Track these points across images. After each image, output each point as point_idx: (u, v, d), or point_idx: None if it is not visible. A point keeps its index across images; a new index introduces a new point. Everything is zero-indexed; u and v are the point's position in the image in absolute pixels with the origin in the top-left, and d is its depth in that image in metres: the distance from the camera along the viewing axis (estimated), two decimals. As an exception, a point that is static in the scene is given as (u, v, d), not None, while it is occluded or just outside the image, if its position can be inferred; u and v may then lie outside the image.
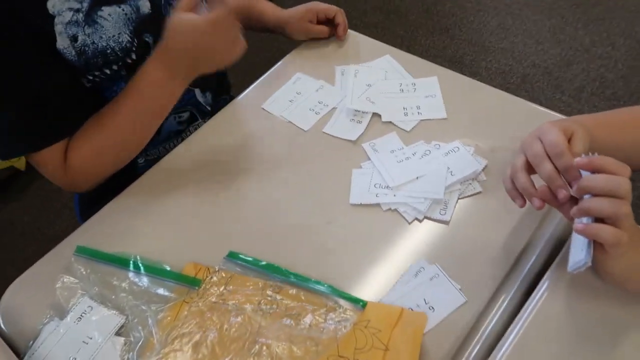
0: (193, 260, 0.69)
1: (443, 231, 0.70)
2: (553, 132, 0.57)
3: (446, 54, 2.09)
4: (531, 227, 0.69)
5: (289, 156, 0.80)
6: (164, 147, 0.88)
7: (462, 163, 0.74)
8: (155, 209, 0.76)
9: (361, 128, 0.82)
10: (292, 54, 0.96)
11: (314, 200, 0.75)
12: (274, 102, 0.88)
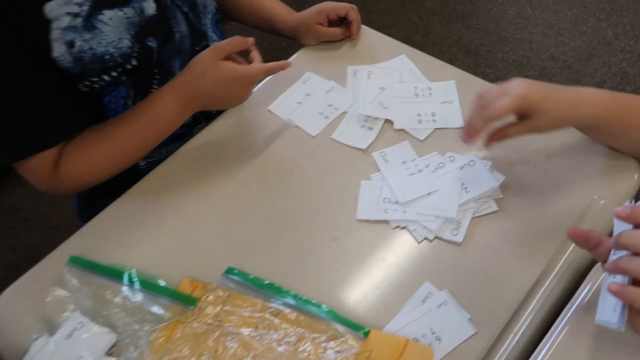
0: (190, 274, 0.66)
1: (454, 253, 0.66)
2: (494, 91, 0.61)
3: (462, 44, 2.01)
4: (549, 252, 0.65)
5: (294, 164, 0.76)
6: (166, 149, 0.84)
7: (477, 178, 0.70)
8: (153, 217, 0.72)
9: (372, 135, 0.77)
10: (302, 51, 0.91)
11: (320, 214, 0.71)
12: (281, 103, 0.83)
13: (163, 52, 0.72)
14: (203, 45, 0.80)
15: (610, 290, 0.45)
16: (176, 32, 0.74)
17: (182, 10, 0.75)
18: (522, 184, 0.70)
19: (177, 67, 0.76)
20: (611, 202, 0.68)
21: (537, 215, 0.68)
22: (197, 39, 0.79)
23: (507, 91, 0.60)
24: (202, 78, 0.70)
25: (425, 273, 0.64)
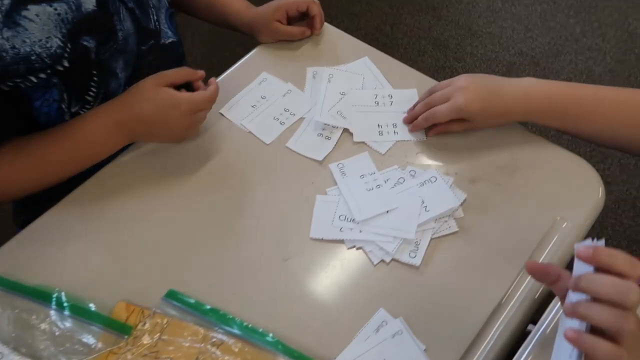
0: (127, 297, 0.61)
1: (411, 277, 0.62)
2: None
3: (431, 36, 1.97)
4: (510, 277, 0.62)
5: (245, 176, 0.71)
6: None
7: (438, 196, 0.66)
8: (88, 231, 0.66)
9: (329, 145, 0.72)
10: (259, 48, 0.85)
11: (271, 231, 0.66)
12: (234, 106, 0.77)
13: (103, 52, 0.65)
14: (150, 44, 0.73)
15: (567, 337, 0.42)
16: (119, 30, 0.67)
17: (128, 6, 0.68)
18: (484, 203, 0.67)
19: (119, 67, 0.69)
20: (574, 224, 0.65)
21: (498, 237, 0.65)
22: (144, 38, 0.72)
23: (451, 95, 0.67)
24: (139, 101, 0.65)
25: (381, 299, 0.61)
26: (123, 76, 0.69)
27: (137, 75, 0.72)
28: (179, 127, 0.67)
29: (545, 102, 0.66)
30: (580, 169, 0.70)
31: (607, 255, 0.41)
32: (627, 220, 1.55)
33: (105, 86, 0.67)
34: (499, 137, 0.73)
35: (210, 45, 1.96)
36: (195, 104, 0.66)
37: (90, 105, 0.67)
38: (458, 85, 0.67)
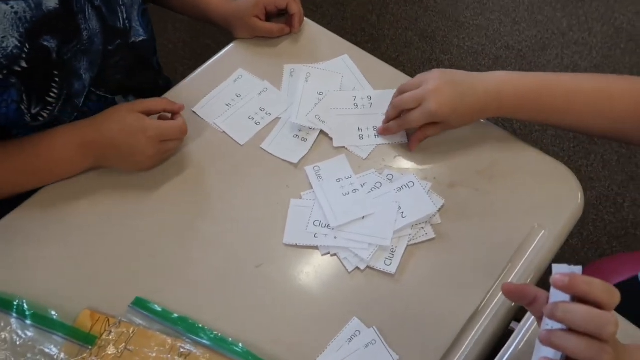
0: (92, 305, 0.59)
1: (386, 285, 0.61)
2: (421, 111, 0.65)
3: (418, 27, 1.95)
4: (486, 286, 0.61)
5: (217, 177, 0.69)
6: None
7: (416, 202, 0.65)
8: (51, 234, 0.64)
9: (305, 148, 0.70)
10: (235, 43, 0.82)
11: (243, 236, 0.64)
12: (208, 104, 0.75)
13: (65, 51, 0.62)
14: (117, 44, 0.70)
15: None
16: (84, 30, 0.63)
17: (94, 4, 0.64)
18: (461, 209, 0.66)
19: (83, 68, 0.65)
20: (552, 231, 0.64)
21: (475, 244, 0.64)
22: (111, 37, 0.68)
23: (422, 99, 0.65)
24: (107, 123, 0.64)
25: (355, 307, 0.60)
26: (87, 77, 0.66)
27: (102, 77, 0.68)
28: (144, 154, 0.64)
29: (517, 98, 0.65)
30: (560, 175, 0.69)
31: (584, 283, 0.39)
32: (608, 216, 1.56)
33: (67, 87, 0.64)
34: (479, 141, 0.71)
35: (192, 33, 1.92)
36: (163, 132, 0.64)
37: (52, 107, 0.64)
38: (429, 88, 0.65)
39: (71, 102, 0.66)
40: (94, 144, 0.64)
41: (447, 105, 0.64)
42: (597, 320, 0.39)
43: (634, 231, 1.53)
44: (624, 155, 1.65)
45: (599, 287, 0.39)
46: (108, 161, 0.66)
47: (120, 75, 0.74)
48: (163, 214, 0.66)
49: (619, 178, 1.61)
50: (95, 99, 0.71)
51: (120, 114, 0.64)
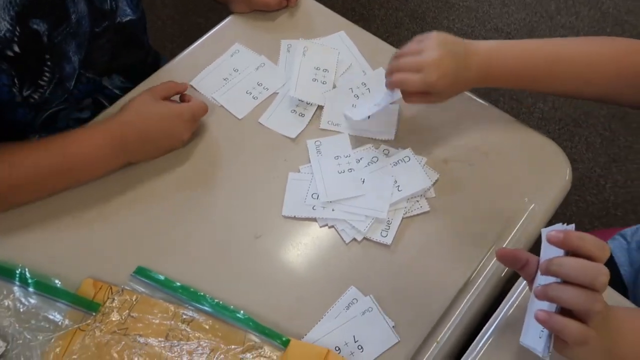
0: (94, 274, 0.60)
1: (382, 256, 0.63)
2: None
3: (408, 7, 1.95)
4: (477, 257, 0.63)
5: (216, 151, 0.70)
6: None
7: (411, 176, 0.67)
8: (53, 205, 0.64)
9: (303, 123, 0.71)
10: (232, 18, 0.82)
11: (243, 208, 0.65)
12: (206, 78, 0.75)
13: (55, 35, 0.61)
14: (105, 25, 0.69)
15: (537, 318, 0.43)
16: (73, 13, 0.62)
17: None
18: (455, 183, 0.68)
19: (72, 51, 0.64)
20: (541, 205, 0.67)
21: (468, 217, 0.66)
22: (98, 19, 0.67)
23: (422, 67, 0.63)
24: (144, 119, 0.64)
25: (352, 277, 0.61)
26: (76, 59, 0.66)
27: (89, 59, 0.68)
28: (180, 137, 0.67)
29: (504, 71, 0.66)
30: (550, 152, 0.71)
31: (577, 238, 0.42)
32: (590, 197, 1.60)
33: (59, 70, 0.63)
34: (474, 119, 0.73)
35: (181, 10, 1.90)
36: (195, 112, 0.67)
37: (44, 90, 0.63)
38: (431, 57, 0.62)
39: (62, 85, 0.66)
40: (131, 143, 0.64)
41: (447, 79, 0.63)
42: (590, 271, 0.41)
43: (615, 211, 1.58)
44: (607, 138, 1.69)
45: (590, 242, 0.42)
46: (141, 155, 0.66)
47: (107, 57, 0.73)
48: (164, 186, 0.66)
49: (601, 160, 1.65)
50: (84, 80, 0.71)
51: (149, 106, 0.64)
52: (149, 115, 0.64)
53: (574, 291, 0.42)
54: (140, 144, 0.65)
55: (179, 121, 0.65)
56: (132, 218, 0.64)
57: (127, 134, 0.63)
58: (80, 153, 0.62)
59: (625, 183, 1.61)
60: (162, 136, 0.66)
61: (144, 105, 0.64)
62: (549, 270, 0.43)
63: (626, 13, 1.98)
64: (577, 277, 0.42)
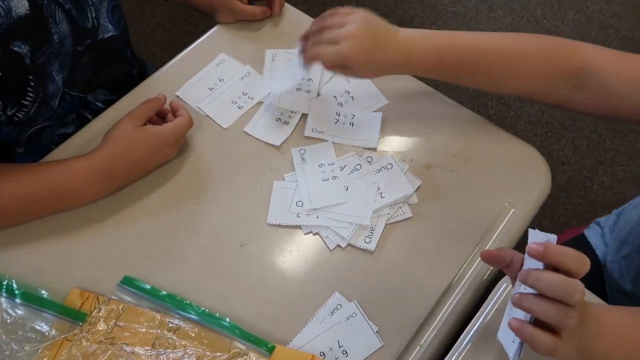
0: (80, 284, 0.60)
1: (366, 262, 0.64)
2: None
3: (396, 13, 1.97)
4: (459, 262, 0.64)
5: (202, 161, 0.70)
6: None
7: (394, 183, 0.68)
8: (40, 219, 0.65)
9: (287, 131, 0.72)
10: (217, 28, 0.83)
11: (228, 216, 0.66)
12: (191, 89, 0.76)
13: (38, 56, 0.61)
14: (87, 44, 0.69)
15: (511, 326, 0.44)
16: (55, 34, 0.63)
17: (64, 7, 0.64)
18: (437, 189, 0.69)
19: (55, 70, 0.65)
20: (522, 210, 0.68)
21: (450, 223, 0.67)
22: (80, 38, 0.68)
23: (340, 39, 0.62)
24: (129, 148, 0.63)
25: (336, 283, 0.62)
26: (60, 78, 0.66)
27: (72, 77, 0.69)
28: (168, 158, 0.68)
29: (426, 59, 0.65)
30: (529, 157, 0.72)
31: (557, 254, 0.42)
32: (577, 199, 1.62)
33: (43, 90, 0.64)
34: (455, 125, 0.75)
35: (171, 18, 1.91)
36: (179, 132, 0.67)
37: (28, 109, 0.64)
38: (349, 31, 0.62)
39: (46, 104, 0.66)
40: (117, 174, 0.64)
41: (361, 54, 0.62)
42: (566, 287, 0.42)
43: (602, 213, 1.59)
44: (593, 140, 1.71)
45: (570, 257, 0.42)
46: (129, 181, 0.67)
47: (90, 74, 0.73)
48: (149, 195, 0.67)
49: (588, 162, 1.67)
50: (68, 99, 0.71)
51: (133, 135, 0.64)
52: (134, 145, 0.64)
53: (548, 305, 0.42)
54: (127, 174, 0.65)
55: (164, 146, 0.66)
56: (118, 227, 0.65)
57: (113, 166, 0.63)
58: (67, 187, 0.62)
59: (612, 185, 1.63)
60: (148, 162, 0.66)
61: (128, 134, 0.64)
62: (526, 282, 0.44)
63: (611, 17, 2.01)
64: (553, 292, 0.42)
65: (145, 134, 0.64)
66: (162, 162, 0.68)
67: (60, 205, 0.64)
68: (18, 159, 0.74)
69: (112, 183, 0.65)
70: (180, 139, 0.68)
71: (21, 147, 0.72)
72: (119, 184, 0.66)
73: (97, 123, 0.72)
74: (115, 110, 0.73)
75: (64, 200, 0.63)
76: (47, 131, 0.72)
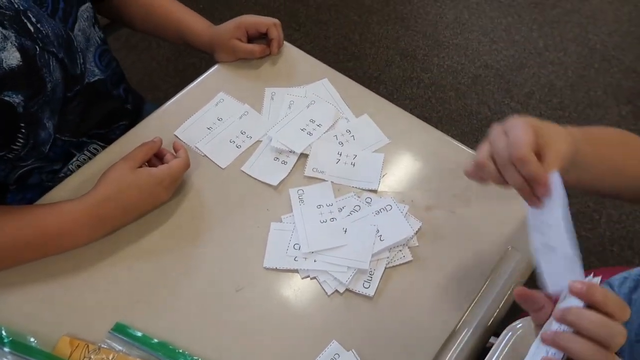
0: (71, 331, 0.59)
1: (365, 308, 0.62)
2: (520, 127, 0.47)
3: (399, 46, 1.98)
4: (463, 307, 0.62)
5: (198, 202, 0.69)
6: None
7: (393, 225, 0.66)
8: (30, 263, 0.63)
9: (285, 171, 0.71)
10: (217, 68, 0.83)
11: (224, 260, 0.65)
12: (190, 128, 0.75)
13: (31, 105, 0.61)
14: (76, 90, 0.69)
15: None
16: (49, 82, 0.63)
17: (58, 57, 0.64)
18: (438, 231, 0.67)
19: (46, 117, 0.65)
20: (525, 255, 0.66)
21: (452, 266, 0.65)
22: (70, 85, 0.68)
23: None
24: (123, 191, 0.63)
25: (334, 330, 0.60)
26: (51, 125, 0.66)
27: (62, 122, 0.69)
28: (162, 200, 0.67)
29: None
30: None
31: (601, 294, 0.40)
32: (584, 232, 1.59)
33: (34, 137, 0.64)
34: (455, 166, 0.73)
35: (176, 51, 1.93)
36: (174, 175, 0.66)
37: (17, 153, 0.63)
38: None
39: (37, 149, 0.66)
40: (110, 218, 0.64)
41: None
42: (610, 329, 0.39)
43: (611, 247, 1.57)
44: (599, 172, 1.69)
45: (613, 300, 0.40)
46: (121, 224, 0.66)
47: (80, 118, 0.73)
48: (144, 237, 0.66)
49: (594, 194, 1.65)
50: (60, 144, 0.71)
51: (127, 178, 0.63)
52: (128, 188, 0.63)
53: (587, 345, 0.40)
54: (119, 216, 0.65)
55: (159, 188, 0.65)
56: (111, 271, 0.63)
57: (105, 209, 0.62)
58: (58, 230, 0.62)
59: (620, 218, 1.61)
60: (142, 204, 0.65)
61: (122, 176, 0.63)
62: (564, 319, 0.41)
63: (613, 48, 2.02)
64: (594, 331, 0.40)
65: (139, 175, 0.64)
66: (156, 204, 0.67)
67: (50, 248, 0.63)
68: (9, 196, 0.73)
69: (104, 226, 0.64)
70: (176, 181, 0.67)
71: (12, 184, 0.71)
72: (111, 227, 0.65)
73: (93, 165, 0.72)
74: (113, 151, 0.73)
75: (54, 243, 0.62)
76: (36, 171, 0.72)
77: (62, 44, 0.65)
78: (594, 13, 2.14)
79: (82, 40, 0.69)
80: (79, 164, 0.76)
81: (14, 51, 0.58)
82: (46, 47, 0.62)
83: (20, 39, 0.59)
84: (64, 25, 0.65)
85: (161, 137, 0.70)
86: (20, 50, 0.58)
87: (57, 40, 0.64)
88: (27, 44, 0.60)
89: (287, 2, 2.06)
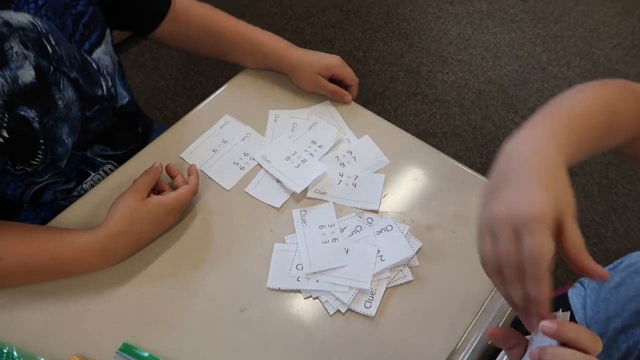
0: (80, 351, 0.60)
1: (366, 327, 0.63)
2: (539, 233, 0.42)
3: (403, 62, 2.01)
4: (463, 326, 0.63)
5: (203, 223, 0.71)
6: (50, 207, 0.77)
7: (394, 245, 0.67)
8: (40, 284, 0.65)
9: (288, 192, 0.73)
10: (223, 89, 0.85)
11: (228, 280, 0.66)
12: (195, 150, 0.78)
13: (46, 121, 0.64)
14: (95, 109, 0.72)
15: None
16: (59, 100, 0.66)
17: (70, 76, 0.67)
18: (439, 251, 0.69)
19: (64, 134, 0.68)
20: (525, 272, 0.67)
21: (452, 286, 0.66)
22: (88, 105, 0.71)
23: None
24: (135, 223, 0.64)
25: (336, 350, 0.61)
26: (70, 141, 0.69)
27: (83, 140, 0.72)
28: (170, 224, 0.69)
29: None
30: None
31: (572, 331, 0.41)
32: (590, 246, 1.59)
33: (52, 152, 0.67)
34: (455, 186, 0.75)
35: (184, 70, 1.97)
36: (182, 201, 0.68)
37: (36, 167, 0.66)
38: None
39: (54, 164, 0.69)
40: (125, 249, 0.66)
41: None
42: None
43: (617, 261, 1.56)
44: (604, 185, 1.70)
45: (585, 335, 0.41)
46: (133, 252, 0.67)
47: (101, 138, 0.76)
48: (148, 259, 0.68)
49: (600, 208, 1.65)
50: (74, 158, 0.74)
51: (138, 210, 0.64)
52: (140, 220, 0.64)
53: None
54: (131, 247, 0.67)
55: (168, 217, 0.67)
56: (119, 293, 0.65)
57: (118, 243, 0.64)
58: (72, 260, 0.63)
59: (627, 232, 1.60)
60: (153, 233, 0.68)
61: (134, 211, 0.64)
62: (541, 358, 0.42)
63: (617, 62, 2.03)
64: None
65: (150, 206, 0.65)
66: (163, 230, 0.69)
67: (60, 274, 0.65)
68: (23, 214, 0.76)
69: (116, 257, 0.66)
70: (183, 207, 0.69)
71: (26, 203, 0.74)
72: (122, 257, 0.67)
73: (106, 185, 0.74)
74: (124, 172, 0.75)
75: (64, 269, 0.65)
76: (50, 188, 0.74)
77: (74, 64, 0.67)
78: (597, 27, 2.15)
79: (109, 63, 0.72)
80: (92, 183, 0.79)
81: (30, 69, 0.61)
82: (60, 67, 0.65)
83: (38, 59, 0.62)
84: (78, 48, 0.68)
85: (169, 158, 0.72)
86: (35, 69, 0.62)
87: (69, 60, 0.66)
88: (44, 64, 0.63)
89: (292, 20, 2.10)
